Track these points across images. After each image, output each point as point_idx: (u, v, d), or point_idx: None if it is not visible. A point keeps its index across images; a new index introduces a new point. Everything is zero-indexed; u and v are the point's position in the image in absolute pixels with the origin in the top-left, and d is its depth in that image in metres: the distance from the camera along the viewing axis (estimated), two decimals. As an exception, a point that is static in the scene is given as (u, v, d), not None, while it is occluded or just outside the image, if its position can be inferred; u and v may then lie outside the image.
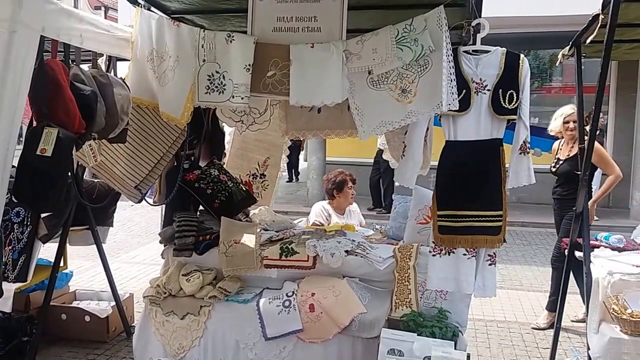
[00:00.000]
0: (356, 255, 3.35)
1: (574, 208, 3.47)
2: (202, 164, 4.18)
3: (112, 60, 3.63)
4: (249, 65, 2.86)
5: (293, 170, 14.28)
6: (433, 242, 3.02)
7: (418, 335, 2.86)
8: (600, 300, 3.00)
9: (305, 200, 11.38)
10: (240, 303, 3.37)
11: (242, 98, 2.87)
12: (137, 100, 3.19)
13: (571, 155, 4.70)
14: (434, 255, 3.03)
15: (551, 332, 4.89)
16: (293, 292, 3.29)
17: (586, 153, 3.30)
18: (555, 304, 4.86)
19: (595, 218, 9.75)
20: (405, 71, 2.78)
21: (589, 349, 3.00)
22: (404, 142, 3.72)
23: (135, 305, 4.89)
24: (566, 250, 3.66)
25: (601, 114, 9.57)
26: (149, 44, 3.09)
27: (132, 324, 4.68)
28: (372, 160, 10.40)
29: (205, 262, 3.61)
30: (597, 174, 9.56)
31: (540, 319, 4.95)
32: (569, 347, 4.46)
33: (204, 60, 2.93)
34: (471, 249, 2.96)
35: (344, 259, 3.30)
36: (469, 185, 2.92)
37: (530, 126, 2.96)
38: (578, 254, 3.45)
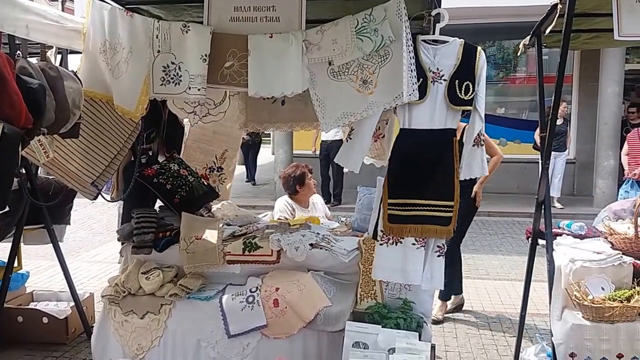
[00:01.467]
0: (321, 248, 3.31)
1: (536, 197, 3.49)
2: (160, 158, 4.07)
3: (63, 53, 3.49)
4: (206, 55, 2.77)
5: (250, 171, 13.19)
6: (381, 230, 2.98)
7: (383, 327, 2.84)
8: (562, 287, 3.02)
9: (273, 193, 11.29)
10: (202, 300, 3.29)
11: (199, 89, 2.78)
12: (90, 93, 3.07)
13: None
14: (381, 244, 2.99)
15: (529, 320, 4.98)
16: (257, 288, 3.24)
17: (547, 142, 3.31)
18: (447, 293, 4.96)
19: (559, 206, 10.02)
20: (366, 62, 2.74)
21: (552, 335, 3.02)
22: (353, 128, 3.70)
23: (95, 305, 4.76)
24: (529, 239, 3.68)
25: (565, 104, 9.74)
26: (101, 35, 2.97)
27: (93, 325, 4.55)
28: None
29: (166, 259, 3.51)
30: (560, 163, 9.82)
31: (435, 310, 4.81)
32: (535, 334, 4.53)
33: (158, 51, 2.83)
34: (420, 239, 2.93)
35: (309, 253, 3.26)
36: (420, 174, 2.89)
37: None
38: (541, 242, 3.48)
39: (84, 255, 7.15)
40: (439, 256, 2.97)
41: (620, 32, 2.64)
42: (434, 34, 2.89)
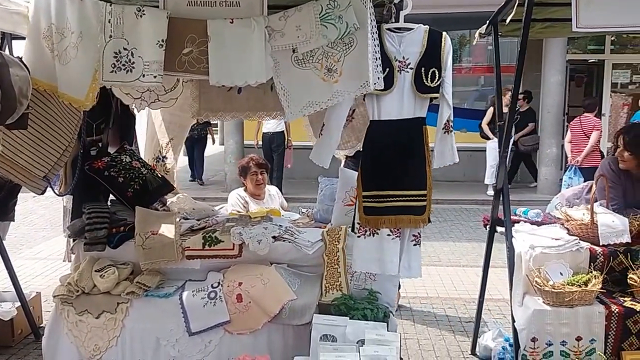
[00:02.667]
0: (284, 240, 3.24)
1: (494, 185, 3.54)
2: (111, 150, 3.88)
3: (6, 38, 3.25)
4: (162, 41, 2.64)
5: (197, 170, 11.88)
6: (358, 223, 2.97)
7: (350, 318, 2.81)
8: (523, 274, 3.08)
9: (224, 185, 11.10)
10: (161, 298, 3.18)
11: (155, 77, 2.64)
12: (33, 81, 2.86)
13: None
14: (358, 236, 2.98)
15: (472, 305, 5.07)
16: (219, 283, 3.14)
17: (505, 130, 3.36)
18: None
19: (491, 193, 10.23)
20: (331, 49, 2.68)
21: (514, 321, 3.08)
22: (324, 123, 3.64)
23: (43, 304, 4.53)
24: (487, 227, 3.73)
25: (509, 93, 9.98)
26: (46, 19, 2.77)
27: (41, 325, 4.33)
28: (297, 143, 10.28)
29: (121, 256, 3.36)
30: (494, 148, 10.05)
31: None
32: (490, 319, 4.63)
33: (110, 37, 2.66)
34: (395, 229, 2.93)
35: (272, 245, 3.19)
36: (393, 165, 2.88)
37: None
38: (500, 229, 3.53)
39: (27, 252, 6.79)
40: (415, 245, 2.98)
41: (579, 23, 2.68)
42: (397, 21, 2.86)
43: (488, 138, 10.17)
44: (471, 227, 8.38)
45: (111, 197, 3.75)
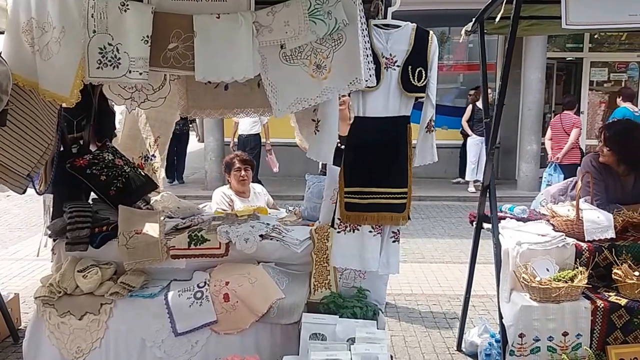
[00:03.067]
0: (271, 239, 3.20)
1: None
2: (92, 147, 3.80)
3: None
4: (147, 37, 2.58)
5: (177, 168, 11.36)
6: (338, 218, 2.96)
7: (340, 317, 2.79)
8: (510, 270, 3.09)
9: (204, 183, 11.01)
10: (146, 298, 3.11)
11: (141, 73, 2.59)
12: (13, 77, 2.78)
13: None
14: (338, 232, 2.98)
15: (456, 302, 5.11)
16: (205, 283, 3.09)
17: (493, 127, 3.37)
18: None
19: (476, 190, 10.34)
20: (320, 46, 2.65)
21: (501, 317, 3.09)
22: (313, 119, 3.61)
23: (21, 306, 4.43)
24: (473, 223, 3.74)
25: (490, 90, 10.09)
26: (26, 13, 2.69)
27: (20, 327, 4.23)
28: (278, 140, 10.21)
29: (104, 255, 3.28)
30: (475, 145, 10.15)
31: None
32: (475, 315, 4.65)
33: (94, 32, 2.59)
34: (377, 226, 2.93)
35: (259, 244, 3.14)
36: (376, 162, 2.89)
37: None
38: (487, 225, 3.55)
39: (3, 252, 6.64)
40: (394, 242, 2.99)
41: (568, 20, 2.69)
42: (385, 17, 2.84)
43: (467, 135, 10.27)
44: (453, 223, 8.44)
45: (93, 195, 3.67)
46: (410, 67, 2.81)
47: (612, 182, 3.55)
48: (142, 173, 3.84)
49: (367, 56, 2.68)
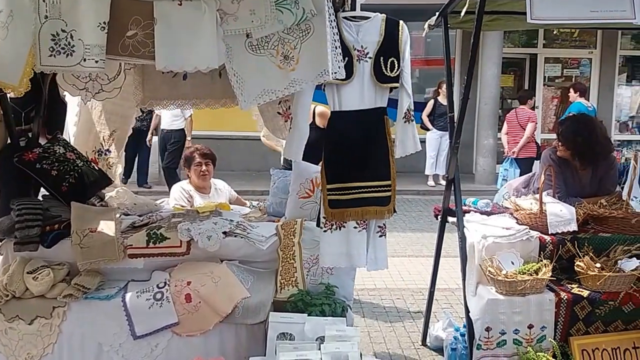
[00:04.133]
0: (235, 236, 3.09)
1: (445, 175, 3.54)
2: (42, 140, 3.59)
3: None
4: (104, 23, 2.43)
5: (137, 166, 9.97)
6: (324, 217, 2.90)
7: (308, 315, 2.72)
8: (476, 263, 3.09)
9: (157, 178, 10.72)
10: (102, 300, 2.96)
11: (97, 61, 2.43)
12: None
13: None
14: (325, 231, 2.92)
15: (420, 296, 5.13)
16: (165, 283, 2.96)
17: (457, 121, 3.36)
18: None
19: (442, 185, 10.49)
20: (287, 36, 2.56)
21: (468, 311, 3.09)
22: (278, 112, 3.53)
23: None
24: (438, 217, 3.74)
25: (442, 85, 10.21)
26: (-33, -5, 2.50)
27: (-38, 334, 3.98)
28: (236, 133, 10.03)
29: (56, 255, 3.10)
30: (446, 143, 10.27)
31: None
32: (438, 309, 4.67)
33: (46, 17, 2.42)
34: (361, 222, 2.89)
35: (223, 241, 3.03)
36: (356, 156, 2.84)
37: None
38: (451, 219, 3.54)
39: (-56, 253, 6.26)
40: (380, 236, 2.96)
41: (533, 15, 2.69)
42: (353, 9, 2.79)
43: (427, 129, 10.36)
44: (414, 217, 8.50)
45: (43, 191, 3.47)
46: (382, 58, 2.77)
47: (570, 176, 3.61)
48: (96, 168, 3.67)
49: (336, 47, 2.61)
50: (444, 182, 10.38)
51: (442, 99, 10.17)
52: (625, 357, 3.00)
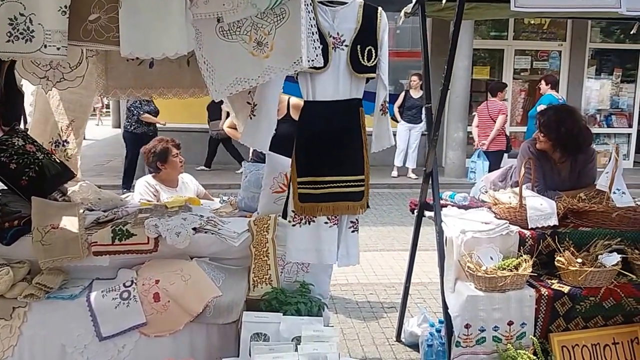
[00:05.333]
0: (206, 232, 2.95)
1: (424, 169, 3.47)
2: (-2, 132, 3.38)
3: None
4: (65, 7, 2.24)
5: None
6: (292, 210, 2.78)
7: (283, 314, 2.61)
8: (455, 259, 3.02)
9: (121, 171, 10.43)
10: (66, 300, 2.80)
11: (58, 48, 2.25)
12: None
13: None
14: (293, 225, 2.81)
15: (393, 290, 5.07)
16: (132, 281, 2.81)
17: (437, 113, 3.28)
18: None
19: (414, 177, 10.54)
20: (261, 20, 2.42)
21: (446, 308, 3.02)
22: (248, 102, 3.38)
23: None
24: (415, 211, 3.66)
25: (416, 77, 10.17)
26: None
27: None
28: (201, 126, 9.81)
29: (15, 253, 2.92)
30: (415, 136, 10.26)
31: None
32: (411, 303, 4.61)
33: (2, 0, 2.23)
34: (333, 217, 2.78)
35: (192, 238, 2.89)
36: (329, 149, 2.73)
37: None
38: (428, 213, 3.47)
39: None
40: (353, 232, 2.87)
41: (517, 2, 2.62)
42: (331, -6, 2.66)
43: (397, 121, 10.33)
44: (384, 210, 8.46)
45: (1, 186, 3.27)
46: (359, 46, 2.65)
47: (549, 169, 3.57)
48: (58, 160, 3.47)
49: (313, 34, 2.48)
50: (412, 175, 10.54)
51: (412, 92, 10.15)
52: (605, 353, 2.98)
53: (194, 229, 2.94)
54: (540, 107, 7.99)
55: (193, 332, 2.82)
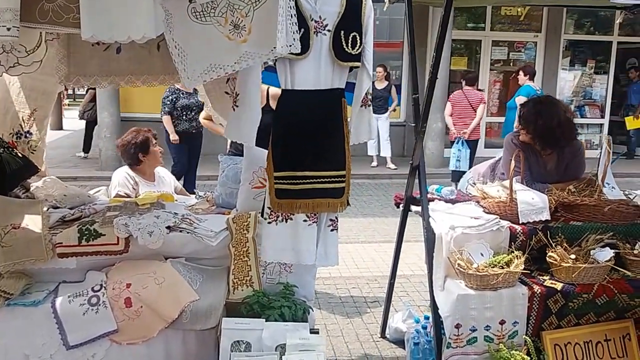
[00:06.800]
0: (181, 231, 2.75)
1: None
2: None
3: None
4: (17, -18, 2.02)
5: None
6: (269, 207, 2.61)
7: (266, 320, 2.43)
8: (444, 256, 2.88)
9: (98, 162, 10.13)
10: (29, 306, 2.59)
11: (9, 29, 2.02)
12: None
13: None
14: (269, 222, 2.63)
15: (375, 284, 4.95)
16: (101, 286, 2.61)
17: (425, 104, 3.13)
18: None
19: (393, 167, 10.48)
20: (237, 2, 2.21)
21: (436, 308, 2.88)
22: (226, 92, 3.19)
23: None
24: (400, 205, 3.52)
25: (381, 69, 10.12)
26: None
27: None
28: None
29: (-28, 256, 2.70)
30: (381, 125, 10.17)
31: None
32: (394, 296, 4.47)
33: (-59, -27, 2.00)
34: (312, 215, 2.61)
35: (166, 237, 2.69)
36: (309, 142, 2.55)
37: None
38: (415, 208, 3.33)
39: None
40: (332, 230, 2.71)
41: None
42: (312, -27, 2.47)
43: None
44: (365, 202, 8.35)
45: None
46: (342, 32, 2.46)
47: (534, 161, 3.47)
48: (20, 154, 3.23)
49: (292, 16, 2.29)
50: (391, 165, 10.47)
51: (377, 83, 10.16)
52: (597, 350, 2.89)
53: (168, 227, 2.74)
54: (519, 99, 7.98)
55: (168, 339, 2.64)
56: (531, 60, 11.87)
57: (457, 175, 7.36)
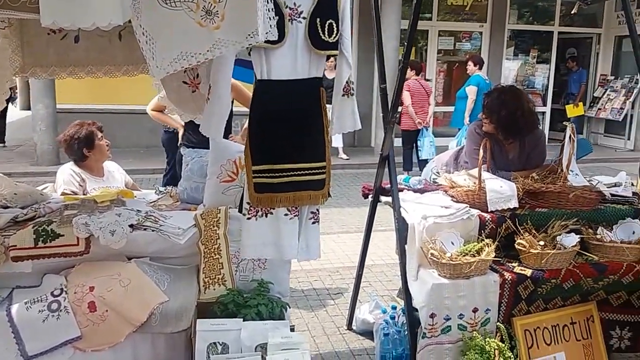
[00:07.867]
0: (145, 229, 2.60)
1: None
2: None
3: None
4: (-36, -39, 1.83)
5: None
6: (247, 202, 2.51)
7: (243, 319, 2.34)
8: (417, 246, 2.87)
9: (34, 157, 9.60)
10: (-20, 315, 2.39)
11: (-42, 14, 1.84)
12: None
13: None
14: (249, 218, 2.52)
15: (337, 275, 4.92)
16: (61, 290, 2.44)
17: (396, 95, 3.09)
18: None
19: (345, 157, 10.48)
20: (209, -14, 2.09)
21: (410, 298, 2.87)
22: (184, 81, 3.05)
23: None
24: (370, 196, 3.48)
25: (332, 59, 10.11)
26: None
27: None
28: (119, 107, 9.09)
29: None
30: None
31: None
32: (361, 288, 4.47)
33: None
34: (293, 208, 2.53)
35: (130, 236, 2.54)
36: (287, 134, 2.46)
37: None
38: (385, 199, 3.30)
39: None
40: (313, 223, 2.63)
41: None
42: (283, -42, 2.36)
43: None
44: (333, 192, 8.26)
45: None
46: (318, 19, 2.37)
47: (497, 150, 3.52)
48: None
49: (268, 2, 2.18)
50: (344, 156, 10.48)
51: (327, 72, 10.13)
52: (564, 333, 2.96)
53: (131, 226, 2.59)
54: (469, 88, 8.12)
55: (136, 343, 2.51)
56: (476, 49, 12.12)
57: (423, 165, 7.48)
